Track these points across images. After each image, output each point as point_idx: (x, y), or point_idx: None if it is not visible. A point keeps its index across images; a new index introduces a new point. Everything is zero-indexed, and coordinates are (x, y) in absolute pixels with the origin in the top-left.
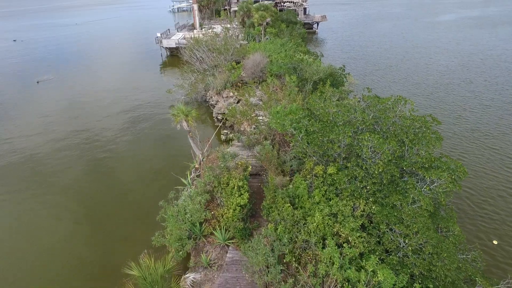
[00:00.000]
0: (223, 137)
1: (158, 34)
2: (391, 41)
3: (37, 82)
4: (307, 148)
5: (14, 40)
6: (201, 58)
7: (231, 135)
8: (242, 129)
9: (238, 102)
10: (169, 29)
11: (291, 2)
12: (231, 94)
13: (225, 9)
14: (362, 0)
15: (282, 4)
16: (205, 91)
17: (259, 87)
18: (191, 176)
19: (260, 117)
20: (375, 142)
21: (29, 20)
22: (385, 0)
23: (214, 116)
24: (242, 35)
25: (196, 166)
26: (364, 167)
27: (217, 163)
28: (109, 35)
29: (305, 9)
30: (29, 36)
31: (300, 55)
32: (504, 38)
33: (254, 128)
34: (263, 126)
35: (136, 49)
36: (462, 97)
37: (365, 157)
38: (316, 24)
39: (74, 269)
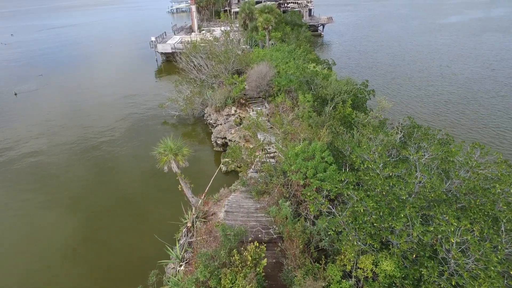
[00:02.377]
0: (223, 168)
1: (153, 38)
2: (401, 46)
3: (15, 94)
4: (354, 239)
5: (3, 43)
6: (199, 66)
7: (232, 165)
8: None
9: (240, 121)
10: (165, 32)
11: (295, 3)
12: (233, 111)
13: (225, 10)
14: (364, 0)
15: (285, 5)
16: (203, 105)
17: (266, 103)
18: (182, 242)
19: (271, 151)
20: (469, 238)
21: (26, 21)
22: (387, 1)
23: (212, 140)
24: (244, 39)
25: (189, 225)
26: (452, 282)
27: (215, 233)
28: (104, 38)
29: (310, 10)
30: (20, 38)
31: (313, 66)
32: None
33: (264, 173)
34: (276, 169)
35: (131, 53)
36: (497, 118)
37: (451, 258)
38: (322, 26)
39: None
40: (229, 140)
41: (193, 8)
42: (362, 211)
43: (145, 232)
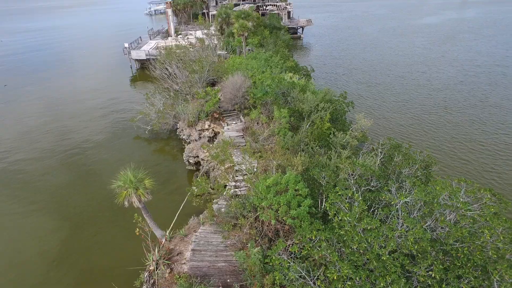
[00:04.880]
0: (195, 190)
1: (126, 45)
2: (377, 49)
3: None
4: None
5: None
6: (173, 74)
7: (207, 186)
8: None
9: (214, 136)
10: (140, 37)
11: (274, 5)
12: (206, 126)
13: (203, 13)
14: (344, 1)
15: (264, 8)
16: (176, 119)
17: (241, 116)
18: None
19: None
20: None
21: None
22: (366, 2)
23: (184, 159)
24: (221, 44)
25: (151, 268)
26: None
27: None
28: (79, 42)
29: (289, 12)
30: None
31: (289, 76)
32: (496, 44)
33: (234, 209)
34: (245, 205)
35: (105, 59)
36: (474, 130)
37: None
38: (301, 28)
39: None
40: (202, 159)
41: (169, 11)
42: (335, 278)
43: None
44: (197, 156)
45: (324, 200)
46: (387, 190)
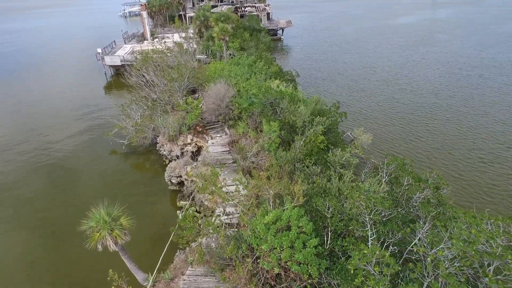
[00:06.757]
0: (180, 215)
1: (99, 50)
2: (357, 52)
3: None
4: None
5: None
6: (151, 81)
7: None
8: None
9: (198, 151)
10: (114, 41)
11: (253, 6)
12: (189, 140)
13: (180, 16)
14: (319, 1)
15: (243, 9)
16: (155, 132)
17: (226, 128)
18: None
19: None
20: None
21: None
22: (341, 2)
23: (166, 178)
24: (200, 48)
25: None
26: None
27: None
28: (48, 47)
29: (268, 14)
30: None
31: (277, 85)
32: (471, 45)
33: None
34: (240, 245)
35: (77, 65)
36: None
37: None
38: (281, 30)
39: None
40: (185, 179)
41: (144, 14)
42: None
43: None
44: (180, 176)
45: (329, 233)
46: (410, 231)
